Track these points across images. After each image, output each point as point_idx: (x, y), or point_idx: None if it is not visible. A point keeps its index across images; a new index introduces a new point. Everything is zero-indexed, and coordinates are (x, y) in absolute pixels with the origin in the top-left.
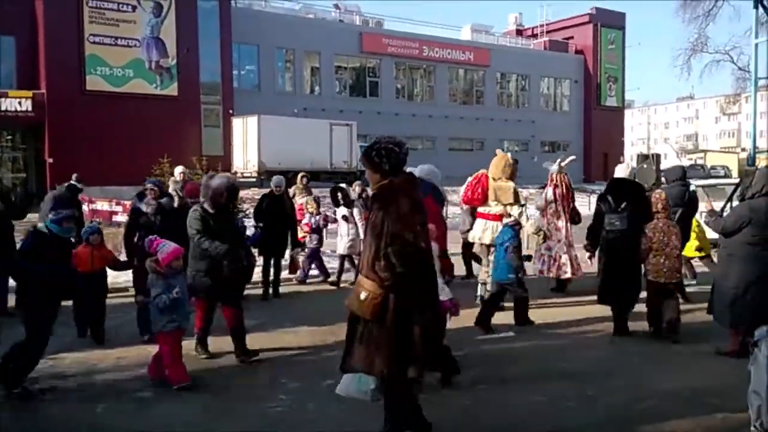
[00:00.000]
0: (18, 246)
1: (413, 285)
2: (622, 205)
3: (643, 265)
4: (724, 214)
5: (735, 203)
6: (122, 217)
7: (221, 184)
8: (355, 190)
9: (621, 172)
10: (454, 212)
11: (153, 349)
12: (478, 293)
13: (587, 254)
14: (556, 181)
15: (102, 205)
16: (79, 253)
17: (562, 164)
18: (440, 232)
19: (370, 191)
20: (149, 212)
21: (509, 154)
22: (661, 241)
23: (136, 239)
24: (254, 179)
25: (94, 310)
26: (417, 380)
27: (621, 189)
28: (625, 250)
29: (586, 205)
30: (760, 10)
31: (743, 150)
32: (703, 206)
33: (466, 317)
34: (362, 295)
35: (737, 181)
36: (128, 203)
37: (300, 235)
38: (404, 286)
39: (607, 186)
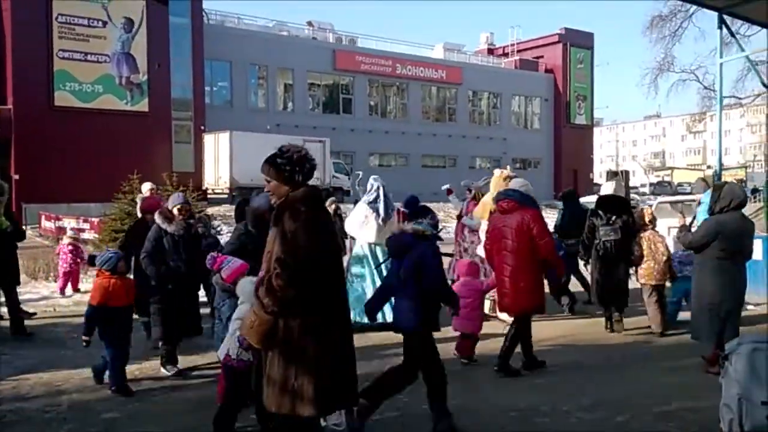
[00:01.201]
0: None
1: (309, 312)
2: (613, 218)
3: (632, 271)
4: (693, 229)
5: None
6: (90, 235)
7: (263, 205)
8: (330, 207)
9: (608, 189)
10: None
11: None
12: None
13: (581, 262)
14: (478, 198)
15: (69, 222)
16: (112, 286)
17: (481, 184)
18: (549, 245)
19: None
20: (175, 233)
21: (507, 170)
22: (649, 248)
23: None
24: (225, 195)
25: (120, 350)
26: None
27: (610, 204)
28: (620, 258)
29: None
30: (724, 30)
31: (709, 167)
32: (675, 221)
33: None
34: (251, 319)
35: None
36: (96, 220)
37: None
38: (295, 313)
39: (596, 203)
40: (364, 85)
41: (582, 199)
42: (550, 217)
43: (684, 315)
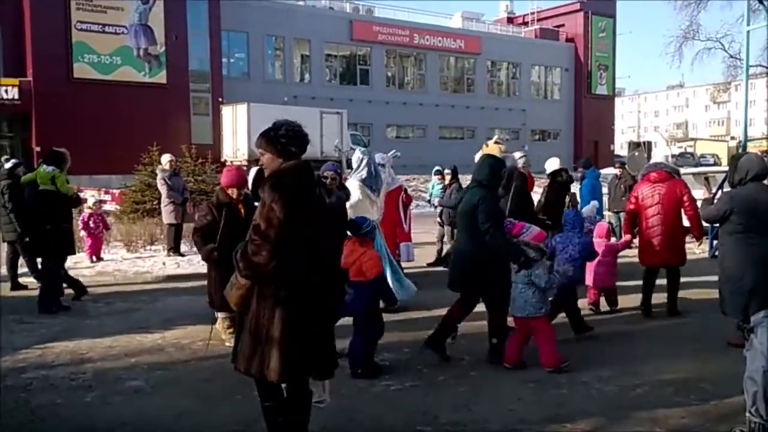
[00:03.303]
0: None
1: (282, 284)
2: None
3: None
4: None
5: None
6: (111, 206)
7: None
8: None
9: (554, 165)
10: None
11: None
12: None
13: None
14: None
15: (93, 194)
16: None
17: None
18: (696, 210)
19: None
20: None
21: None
22: None
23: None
24: (244, 168)
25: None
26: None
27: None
28: None
29: (576, 192)
30: None
31: (732, 138)
32: (700, 194)
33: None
34: (232, 281)
35: (726, 169)
36: (117, 192)
37: None
38: (270, 282)
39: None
40: (381, 56)
41: (603, 171)
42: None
43: None
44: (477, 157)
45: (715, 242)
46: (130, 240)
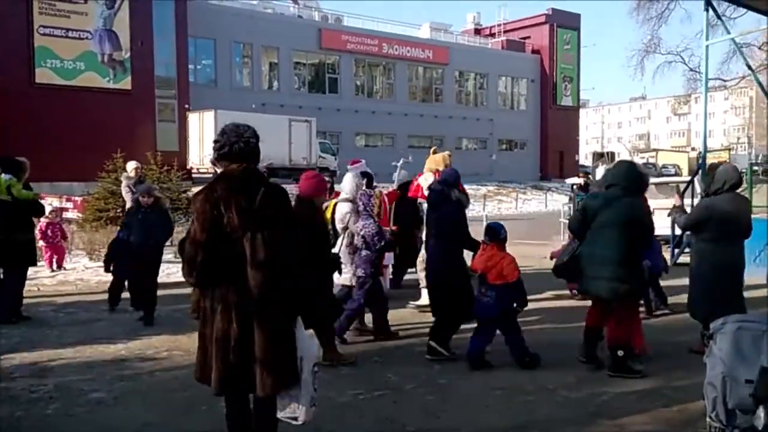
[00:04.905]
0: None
1: (204, 293)
2: None
3: None
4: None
5: (687, 200)
6: (73, 214)
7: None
8: None
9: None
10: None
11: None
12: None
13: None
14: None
15: (52, 202)
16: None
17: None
18: None
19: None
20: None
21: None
22: None
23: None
24: (210, 175)
25: None
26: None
27: None
28: None
29: (542, 202)
30: (711, 12)
31: (693, 149)
32: (661, 203)
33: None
34: None
35: (688, 179)
36: (79, 199)
37: None
38: (199, 285)
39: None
40: (350, 65)
41: (568, 180)
42: (537, 198)
43: None
44: (425, 167)
45: (676, 250)
46: (92, 248)
